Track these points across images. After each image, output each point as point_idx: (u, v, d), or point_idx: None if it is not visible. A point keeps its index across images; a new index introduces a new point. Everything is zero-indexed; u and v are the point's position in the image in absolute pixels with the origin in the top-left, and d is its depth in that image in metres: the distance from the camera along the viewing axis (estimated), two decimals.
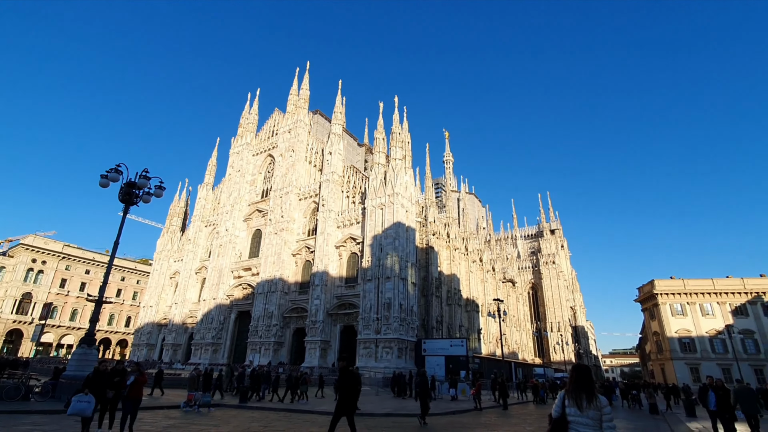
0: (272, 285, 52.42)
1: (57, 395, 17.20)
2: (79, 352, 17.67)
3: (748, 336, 56.95)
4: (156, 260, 73.96)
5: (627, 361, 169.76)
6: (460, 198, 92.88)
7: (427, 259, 56.23)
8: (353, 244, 50.29)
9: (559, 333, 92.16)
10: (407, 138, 52.71)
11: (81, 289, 79.48)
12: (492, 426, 16.26)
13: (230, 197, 64.33)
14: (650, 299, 64.97)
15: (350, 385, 9.81)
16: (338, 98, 59.41)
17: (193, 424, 14.34)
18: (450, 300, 59.91)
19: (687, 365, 57.64)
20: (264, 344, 49.96)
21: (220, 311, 57.48)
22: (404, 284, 44.35)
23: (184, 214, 77.22)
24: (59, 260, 77.79)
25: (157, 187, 18.74)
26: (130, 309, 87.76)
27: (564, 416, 4.79)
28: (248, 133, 68.64)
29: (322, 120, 69.48)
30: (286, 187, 57.38)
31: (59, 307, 76.49)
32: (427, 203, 60.50)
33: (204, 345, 56.02)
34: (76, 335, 76.33)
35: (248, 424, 14.73)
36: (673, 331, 60.21)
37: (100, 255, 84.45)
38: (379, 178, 49.43)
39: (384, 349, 41.51)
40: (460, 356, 40.69)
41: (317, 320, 47.16)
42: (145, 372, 13.23)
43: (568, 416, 4.76)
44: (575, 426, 4.69)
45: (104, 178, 17.50)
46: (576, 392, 4.78)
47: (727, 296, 60.05)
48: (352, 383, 9.85)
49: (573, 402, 4.76)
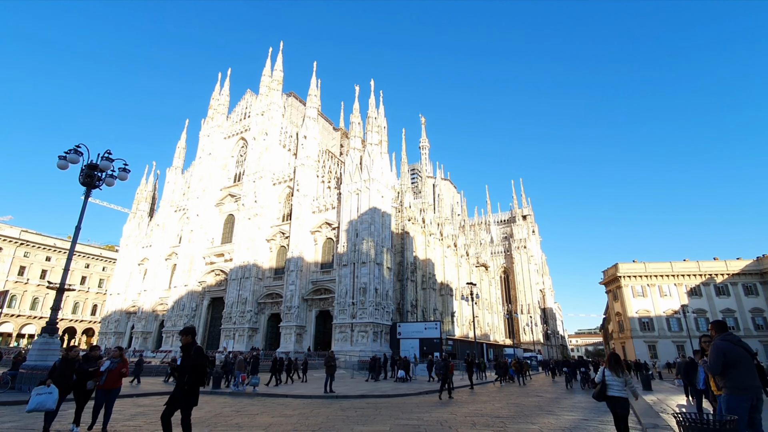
0: (246, 271, 51.69)
1: (17, 386, 16.52)
2: (41, 341, 16.94)
3: (701, 315, 60.97)
4: (123, 246, 71.41)
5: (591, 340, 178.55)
6: (435, 184, 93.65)
7: (403, 245, 56.73)
8: (329, 230, 50.06)
9: (529, 315, 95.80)
10: (383, 123, 52.39)
11: (42, 277, 75.79)
12: (462, 403, 16.85)
13: (201, 181, 62.40)
14: (614, 282, 68.22)
15: (195, 368, 7.10)
16: (313, 80, 58.10)
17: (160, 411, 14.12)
18: (425, 284, 60.90)
19: (645, 343, 61.26)
20: (238, 330, 49.49)
21: (192, 298, 56.33)
22: (380, 269, 44.69)
23: (152, 199, 74.55)
24: (16, 246, 73.72)
25: (121, 169, 17.88)
26: (96, 297, 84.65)
27: (604, 380, 7.79)
28: (219, 115, 66.35)
29: (297, 103, 67.93)
30: (260, 171, 56.13)
31: (18, 296, 72.85)
32: (403, 189, 60.70)
33: (176, 332, 54.89)
34: (37, 324, 73.07)
35: (220, 409, 14.65)
36: (634, 312, 63.67)
37: (61, 241, 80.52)
38: (355, 163, 49.10)
39: (359, 333, 41.99)
40: (434, 339, 41.67)
41: (293, 306, 47.02)
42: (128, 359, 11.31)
43: (606, 379, 7.78)
44: (611, 385, 7.72)
45: (62, 160, 16.53)
46: (612, 367, 7.84)
47: (683, 278, 63.86)
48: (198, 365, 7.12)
49: (611, 372, 7.78)
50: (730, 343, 6.07)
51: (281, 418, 12.67)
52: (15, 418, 11.66)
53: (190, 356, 7.18)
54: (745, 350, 6.04)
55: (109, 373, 9.25)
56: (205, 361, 7.38)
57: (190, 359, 7.15)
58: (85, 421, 9.49)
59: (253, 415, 13.21)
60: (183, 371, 7.20)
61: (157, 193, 75.24)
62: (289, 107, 64.90)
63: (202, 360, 7.27)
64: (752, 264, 62.45)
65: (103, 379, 9.14)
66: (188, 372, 7.11)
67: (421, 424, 11.52)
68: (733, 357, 5.91)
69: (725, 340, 6.14)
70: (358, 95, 53.49)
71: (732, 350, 5.96)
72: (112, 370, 9.30)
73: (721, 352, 5.97)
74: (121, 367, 9.58)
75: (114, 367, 9.42)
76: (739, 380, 5.81)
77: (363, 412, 14.01)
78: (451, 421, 11.98)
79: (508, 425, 11.43)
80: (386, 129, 53.03)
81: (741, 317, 60.12)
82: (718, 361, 5.96)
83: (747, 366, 5.86)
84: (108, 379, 9.24)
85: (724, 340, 6.14)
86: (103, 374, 9.13)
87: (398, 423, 11.66)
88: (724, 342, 6.09)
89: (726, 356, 5.93)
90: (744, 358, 5.91)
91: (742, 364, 5.88)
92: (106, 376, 9.18)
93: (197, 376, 7.15)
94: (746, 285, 61.73)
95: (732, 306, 61.01)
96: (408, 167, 67.80)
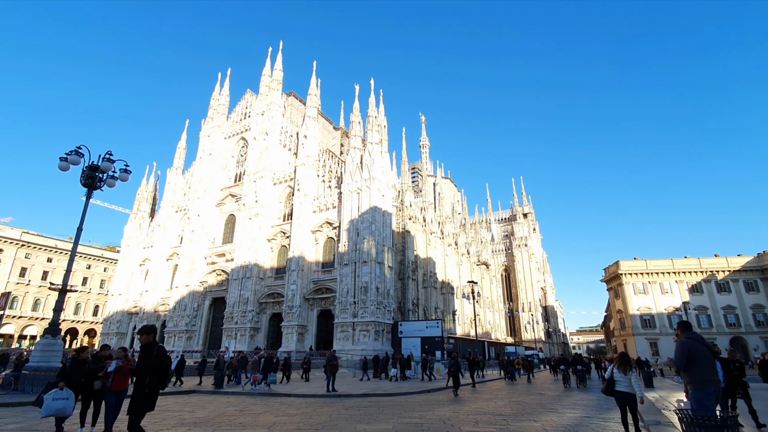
0: (247, 271, 51.74)
1: (20, 387, 16.59)
2: (43, 342, 17.01)
3: (702, 312, 60.98)
4: (124, 247, 71.49)
5: (593, 338, 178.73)
6: (436, 182, 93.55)
7: (404, 243, 56.74)
8: (330, 229, 50.08)
9: (530, 313, 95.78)
10: (383, 122, 52.35)
11: (43, 278, 75.94)
12: (464, 402, 16.88)
13: (201, 182, 62.41)
14: (615, 279, 68.21)
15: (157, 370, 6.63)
16: (313, 80, 58.06)
17: (167, 411, 14.19)
18: (426, 283, 60.92)
19: (647, 340, 61.30)
20: (240, 330, 49.55)
21: (193, 298, 56.41)
22: (381, 268, 44.71)
23: (153, 199, 74.60)
24: (18, 248, 73.82)
25: (122, 170, 17.93)
26: (98, 297, 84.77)
27: (612, 377, 8.62)
28: (219, 115, 66.32)
29: (297, 102, 67.88)
30: (260, 171, 56.13)
31: (20, 297, 72.95)
32: (403, 187, 60.68)
33: (178, 332, 55.04)
34: (39, 325, 73.24)
35: (223, 408, 14.70)
36: (635, 309, 63.68)
37: (62, 242, 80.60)
38: (356, 163, 49.08)
39: (361, 332, 42.03)
40: (436, 337, 41.67)
41: (294, 305, 47.07)
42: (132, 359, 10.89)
43: (615, 376, 8.56)
44: (618, 381, 8.51)
45: (63, 161, 16.57)
46: (621, 365, 8.61)
47: (684, 275, 63.82)
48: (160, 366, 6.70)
49: (619, 370, 8.54)
50: (694, 341, 6.47)
51: (284, 417, 12.71)
52: (19, 420, 11.70)
53: (152, 356, 6.69)
54: (707, 348, 6.46)
55: (116, 374, 8.93)
56: (169, 362, 6.96)
57: (152, 359, 6.65)
58: (88, 421, 9.31)
59: (257, 415, 13.25)
60: (143, 373, 6.63)
61: (158, 193, 75.30)
62: (289, 107, 64.87)
63: (165, 360, 6.79)
64: (753, 260, 62.41)
65: (110, 380, 8.84)
66: (149, 374, 6.60)
67: (423, 422, 11.55)
68: (696, 354, 6.30)
69: (690, 338, 6.53)
70: (358, 94, 53.47)
71: (695, 347, 6.37)
72: (118, 371, 9.01)
73: (686, 348, 6.38)
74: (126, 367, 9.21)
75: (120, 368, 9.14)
76: (702, 375, 6.22)
77: (366, 410, 14.04)
78: (453, 419, 12.01)
79: (511, 423, 11.46)
80: (386, 128, 52.99)
81: (742, 314, 60.11)
82: (683, 357, 6.35)
83: (708, 362, 6.29)
84: (115, 380, 8.92)
85: (689, 338, 6.53)
86: (110, 375, 8.82)
87: (401, 421, 11.69)
88: (688, 340, 6.48)
89: (690, 352, 6.33)
90: (705, 355, 6.32)
91: (704, 360, 6.28)
92: (113, 377, 8.86)
93: (159, 378, 6.67)
94: (747, 281, 61.69)
95: (733, 302, 60.99)
96: (408, 166, 67.73)
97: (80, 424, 9.03)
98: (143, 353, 6.77)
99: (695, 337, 6.59)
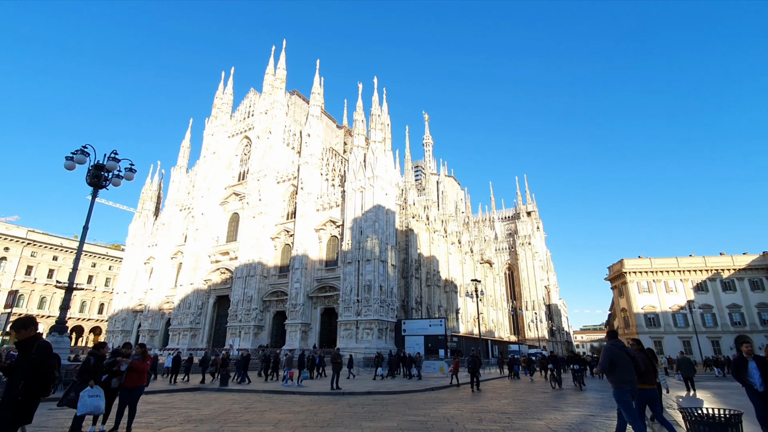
0: (251, 269, 51.95)
1: None
2: (51, 339, 17.17)
3: (707, 310, 60.62)
4: (129, 245, 71.91)
5: (596, 336, 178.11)
6: (439, 181, 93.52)
7: (407, 242, 56.77)
8: (333, 227, 50.17)
9: (534, 311, 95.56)
10: (387, 120, 52.32)
11: (49, 276, 76.58)
12: (468, 400, 16.92)
13: (205, 180, 62.66)
14: (619, 277, 67.91)
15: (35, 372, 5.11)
16: (316, 78, 58.08)
17: (173, 408, 14.32)
18: (429, 281, 60.94)
19: (651, 339, 60.99)
20: (244, 328, 49.79)
21: (197, 296, 56.73)
22: (384, 266, 44.76)
23: (157, 198, 74.98)
24: (24, 246, 74.46)
25: (127, 169, 18.10)
26: (103, 295, 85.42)
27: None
28: (223, 113, 66.51)
29: (300, 101, 67.94)
30: (264, 169, 56.28)
31: (26, 295, 73.62)
32: (406, 186, 60.65)
33: (182, 330, 55.39)
34: (45, 323, 73.79)
35: (229, 405, 14.81)
36: (639, 308, 63.38)
37: (68, 240, 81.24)
38: (359, 161, 49.11)
39: (364, 330, 42.13)
40: (439, 335, 41.76)
41: (297, 303, 47.24)
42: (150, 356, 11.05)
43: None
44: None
45: (69, 160, 16.72)
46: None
47: (689, 273, 63.43)
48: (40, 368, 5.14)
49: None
50: (616, 347, 7.47)
51: (290, 414, 12.80)
52: None
53: (30, 355, 5.11)
54: (627, 353, 7.46)
55: (130, 371, 9.04)
56: (53, 363, 5.41)
57: (30, 359, 5.08)
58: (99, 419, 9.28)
59: (262, 412, 13.35)
60: (15, 374, 5.04)
61: (162, 192, 75.62)
62: (292, 105, 64.95)
63: (47, 360, 5.23)
64: (758, 259, 61.93)
65: (124, 377, 8.94)
66: (25, 376, 5.02)
67: (428, 420, 11.59)
68: (617, 358, 7.34)
69: (614, 345, 7.56)
70: (361, 93, 53.48)
71: (616, 353, 7.39)
72: (132, 368, 9.08)
73: (609, 353, 7.43)
74: (141, 363, 9.35)
75: (136, 362, 9.26)
76: (621, 376, 7.25)
77: (370, 408, 14.11)
78: (457, 417, 12.04)
79: (515, 421, 11.48)
80: (390, 126, 52.94)
81: (747, 312, 59.70)
82: (606, 361, 7.39)
83: (626, 365, 7.31)
84: (129, 377, 8.99)
85: (613, 345, 7.56)
86: (123, 373, 8.91)
87: (406, 419, 11.74)
88: (612, 346, 7.52)
89: (612, 357, 7.37)
90: (624, 360, 7.36)
91: (623, 364, 7.31)
92: (126, 374, 8.96)
93: (38, 382, 5.12)
94: (752, 280, 61.23)
95: (738, 301, 60.58)
96: (412, 164, 67.72)
97: (92, 422, 9.05)
98: (20, 350, 5.24)
99: (618, 344, 7.57)
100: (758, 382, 8.09)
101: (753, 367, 8.26)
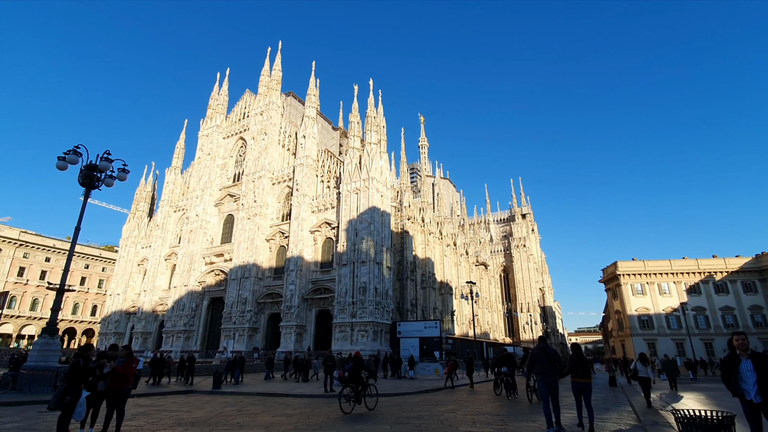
0: (246, 271, 51.69)
1: (18, 387, 16.54)
2: (41, 342, 17.01)
3: (700, 313, 61.02)
4: (122, 247, 71.37)
5: (591, 338, 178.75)
6: (435, 183, 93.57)
7: (402, 244, 56.74)
8: (328, 229, 50.06)
9: (529, 313, 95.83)
10: (382, 122, 52.36)
11: (41, 278, 75.71)
12: (463, 402, 16.88)
13: (200, 181, 62.35)
14: (613, 280, 68.24)
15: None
16: (312, 80, 58.04)
17: (165, 411, 14.17)
18: (424, 283, 60.91)
19: (645, 341, 61.30)
20: (238, 330, 49.49)
21: (191, 298, 56.33)
22: (379, 268, 44.71)
23: (151, 199, 74.50)
24: (16, 247, 73.61)
25: (120, 170, 17.91)
26: (96, 297, 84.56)
27: (636, 368, 15.59)
28: (218, 114, 66.27)
29: (296, 102, 67.85)
30: (259, 171, 56.10)
31: (18, 297, 72.73)
32: (402, 188, 60.68)
33: (176, 332, 54.97)
34: (37, 325, 73.03)
35: (221, 408, 14.68)
36: (633, 310, 63.70)
37: (60, 242, 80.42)
38: (354, 163, 49.08)
39: (359, 332, 42.02)
40: (434, 338, 41.70)
41: (292, 305, 47.03)
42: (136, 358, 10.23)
43: (638, 368, 15.45)
44: (640, 371, 15.29)
45: (61, 160, 16.58)
46: (642, 361, 15.71)
47: (682, 276, 63.85)
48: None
49: (642, 364, 15.54)
50: (538, 349, 10.03)
51: (282, 417, 12.70)
52: (17, 419, 11.68)
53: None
54: (545, 353, 9.80)
55: (115, 374, 8.88)
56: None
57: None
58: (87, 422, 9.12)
59: (255, 415, 13.24)
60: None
61: (156, 193, 75.17)
62: (287, 107, 64.84)
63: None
64: (751, 261, 62.48)
65: (108, 380, 8.82)
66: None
67: (422, 422, 11.55)
68: (535, 357, 10.00)
69: (537, 347, 10.14)
70: (357, 95, 53.47)
71: (536, 353, 10.02)
72: (116, 371, 8.93)
73: (529, 355, 10.46)
74: (125, 368, 9.15)
75: (119, 366, 9.09)
76: (538, 369, 9.86)
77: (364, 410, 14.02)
78: (451, 419, 12.01)
79: (508, 423, 11.46)
80: (385, 128, 53.00)
81: (740, 315, 60.17)
82: (526, 360, 10.42)
83: (542, 362, 9.78)
84: (114, 379, 8.87)
85: (537, 347, 10.16)
86: (107, 376, 8.77)
87: (399, 421, 11.69)
88: (535, 348, 10.21)
89: (532, 357, 10.20)
90: (541, 358, 9.82)
91: (540, 361, 9.82)
92: (110, 377, 8.82)
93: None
94: (745, 282, 61.74)
95: (731, 304, 61.05)
96: (407, 166, 67.80)
97: (80, 426, 8.86)
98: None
99: (540, 346, 10.07)
100: (753, 390, 6.08)
101: (747, 369, 6.25)
